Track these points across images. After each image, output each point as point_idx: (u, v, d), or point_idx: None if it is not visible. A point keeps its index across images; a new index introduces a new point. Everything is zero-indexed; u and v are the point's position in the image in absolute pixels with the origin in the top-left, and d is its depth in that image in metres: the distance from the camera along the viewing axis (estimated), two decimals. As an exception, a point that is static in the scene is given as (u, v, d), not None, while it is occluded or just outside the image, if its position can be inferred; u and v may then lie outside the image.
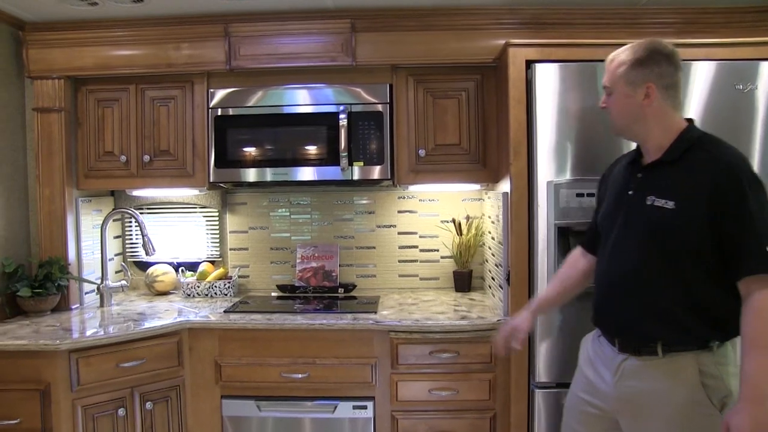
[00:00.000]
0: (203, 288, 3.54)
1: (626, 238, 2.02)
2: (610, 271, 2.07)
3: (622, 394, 2.02)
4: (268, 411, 2.95)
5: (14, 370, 2.64)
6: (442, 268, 3.68)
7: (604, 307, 2.10)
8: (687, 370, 1.91)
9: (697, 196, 1.86)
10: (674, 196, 1.90)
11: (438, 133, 3.17)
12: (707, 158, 1.89)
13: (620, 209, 2.06)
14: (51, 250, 3.21)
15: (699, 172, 1.88)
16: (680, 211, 1.88)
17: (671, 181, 1.93)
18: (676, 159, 1.94)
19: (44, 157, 3.20)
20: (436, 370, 2.88)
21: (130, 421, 2.81)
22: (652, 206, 1.94)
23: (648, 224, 1.95)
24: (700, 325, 1.90)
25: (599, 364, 2.12)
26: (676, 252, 1.90)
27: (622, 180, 2.11)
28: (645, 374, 1.97)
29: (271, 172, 3.18)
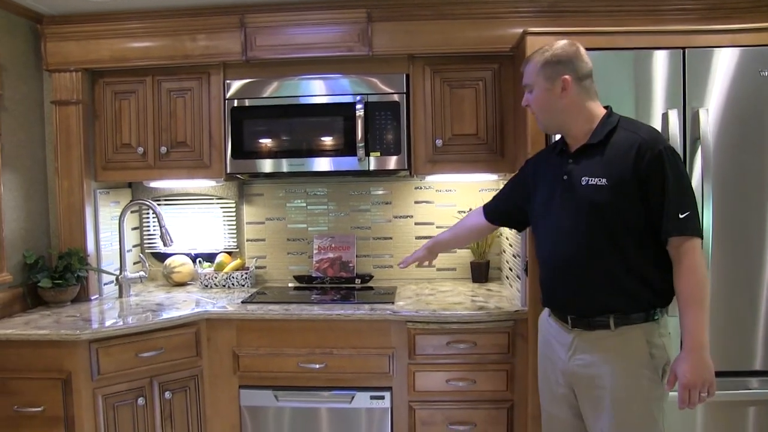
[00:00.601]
0: (220, 279, 3.55)
1: (567, 219, 2.17)
2: (556, 252, 2.22)
3: (576, 368, 2.18)
4: (286, 401, 2.96)
5: (37, 359, 2.67)
6: (459, 258, 3.67)
7: (556, 286, 2.25)
8: (636, 342, 2.09)
9: (624, 171, 2.04)
10: (605, 173, 2.07)
11: (455, 122, 3.16)
12: (629, 137, 2.08)
13: (556, 194, 2.22)
14: (70, 242, 3.24)
15: (624, 149, 2.06)
16: (613, 186, 2.06)
17: (600, 161, 2.10)
18: (602, 141, 2.11)
19: (63, 149, 3.22)
20: (453, 361, 2.88)
21: (150, 410, 2.84)
22: (587, 185, 2.11)
23: (586, 202, 2.11)
24: (645, 292, 2.08)
25: (554, 342, 2.29)
26: (614, 225, 2.07)
27: (554, 168, 2.28)
28: (597, 348, 2.14)
29: (288, 163, 3.18)
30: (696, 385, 1.97)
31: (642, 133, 2.07)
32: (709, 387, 2.00)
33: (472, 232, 2.77)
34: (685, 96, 2.52)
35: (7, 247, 2.98)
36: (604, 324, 2.11)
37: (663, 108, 2.52)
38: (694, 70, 2.52)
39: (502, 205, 2.62)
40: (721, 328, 2.51)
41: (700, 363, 1.98)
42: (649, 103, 2.53)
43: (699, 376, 1.97)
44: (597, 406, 2.13)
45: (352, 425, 2.95)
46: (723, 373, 2.42)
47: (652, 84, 2.54)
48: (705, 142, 2.46)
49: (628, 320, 2.09)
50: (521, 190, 2.48)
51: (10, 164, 3.01)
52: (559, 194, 2.20)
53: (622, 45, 2.57)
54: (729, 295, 2.52)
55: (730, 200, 2.51)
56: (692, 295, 2.00)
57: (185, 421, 2.94)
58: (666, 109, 2.51)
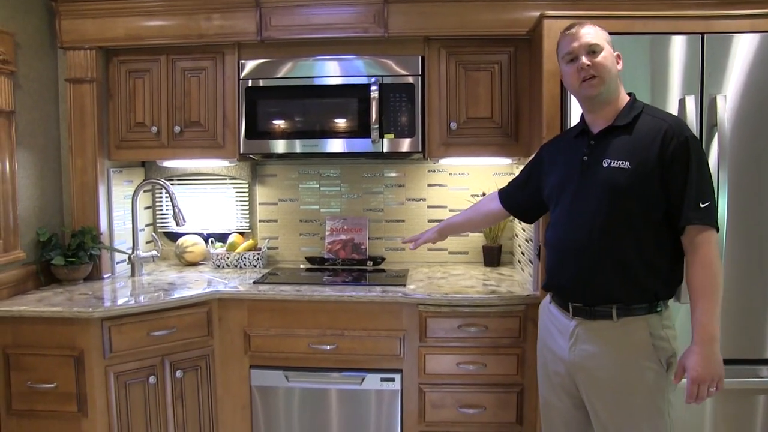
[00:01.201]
0: (232, 259, 3.56)
1: (582, 202, 2.13)
2: (566, 235, 2.19)
3: (577, 358, 2.16)
4: (296, 382, 2.97)
5: (50, 336, 2.69)
6: (472, 242, 3.66)
7: (562, 271, 2.21)
8: (638, 333, 2.06)
9: (649, 156, 2.02)
10: (629, 157, 2.05)
11: (470, 106, 3.14)
12: (655, 122, 2.06)
13: (574, 176, 2.18)
14: (83, 220, 3.25)
15: (649, 134, 2.04)
16: (635, 170, 2.03)
17: (624, 144, 2.08)
18: (628, 124, 2.09)
19: (77, 128, 3.22)
20: (464, 344, 2.88)
21: (161, 388, 2.85)
22: (609, 168, 2.07)
23: (605, 186, 2.07)
24: (652, 280, 2.06)
25: (555, 331, 2.26)
26: (630, 210, 2.04)
27: (572, 150, 2.24)
28: (598, 338, 2.11)
29: (301, 144, 3.18)
30: (705, 379, 1.95)
31: (668, 120, 2.05)
32: (718, 381, 1.97)
33: (487, 217, 2.74)
34: (702, 82, 2.49)
35: (21, 224, 2.99)
36: (606, 314, 2.09)
37: (680, 94, 2.49)
38: (712, 56, 2.48)
39: (517, 193, 2.58)
40: (733, 316, 2.49)
41: (710, 357, 1.95)
42: (665, 89, 2.50)
43: (708, 371, 1.95)
44: (599, 397, 2.12)
45: (362, 407, 2.96)
46: (733, 361, 2.42)
47: (669, 69, 2.51)
48: (722, 129, 2.43)
49: (630, 311, 2.06)
50: (534, 178, 2.46)
51: (24, 142, 3.02)
52: (577, 176, 2.16)
53: (640, 30, 2.54)
54: (741, 283, 2.51)
55: (745, 188, 2.48)
56: (705, 287, 1.98)
57: (196, 400, 2.96)
58: (683, 95, 2.48)
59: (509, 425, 2.92)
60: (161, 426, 2.86)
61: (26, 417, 2.74)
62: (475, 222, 2.82)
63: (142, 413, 2.81)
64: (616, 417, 2.09)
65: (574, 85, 2.16)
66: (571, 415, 2.27)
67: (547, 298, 2.36)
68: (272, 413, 3.01)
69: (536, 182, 2.43)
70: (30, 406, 2.72)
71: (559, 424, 2.32)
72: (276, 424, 3.01)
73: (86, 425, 2.71)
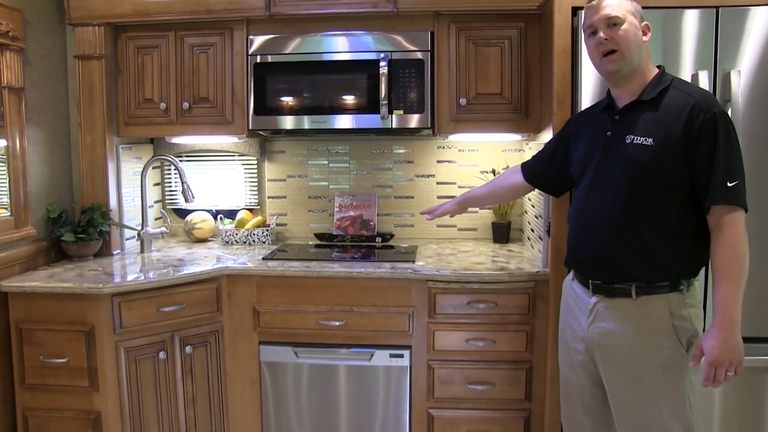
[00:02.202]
0: (241, 235, 3.57)
1: (604, 178, 2.09)
2: (587, 211, 2.15)
3: (595, 335, 2.14)
4: (305, 358, 2.99)
5: (61, 312, 2.70)
6: (481, 219, 3.65)
7: (582, 247, 2.18)
8: (658, 312, 2.03)
9: (673, 132, 1.96)
10: (653, 133, 1.99)
11: (480, 81, 3.11)
12: (682, 97, 1.99)
13: (597, 152, 2.14)
14: (93, 197, 3.25)
15: (675, 110, 1.98)
16: (659, 147, 1.98)
17: (649, 120, 2.02)
18: (654, 99, 2.03)
19: (85, 104, 3.21)
20: (473, 321, 2.88)
21: (171, 364, 2.87)
22: (632, 144, 2.03)
23: (627, 162, 2.03)
24: (674, 261, 2.02)
25: (575, 308, 2.24)
26: (653, 188, 2.00)
27: (597, 125, 2.19)
28: (617, 316, 2.09)
29: (310, 120, 3.16)
30: (723, 363, 1.90)
31: (696, 95, 1.98)
32: (737, 366, 1.93)
33: (510, 191, 2.70)
34: (716, 57, 2.44)
35: (32, 200, 3.00)
36: (625, 292, 2.06)
37: (692, 69, 2.46)
38: (726, 30, 2.44)
39: (541, 166, 2.52)
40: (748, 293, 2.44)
41: (729, 341, 1.90)
42: (677, 64, 2.47)
43: (727, 355, 1.90)
44: (617, 376, 2.10)
45: (370, 383, 2.97)
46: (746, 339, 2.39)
47: (682, 44, 2.47)
48: (735, 105, 2.40)
49: (650, 290, 2.03)
50: (561, 152, 2.40)
51: (34, 119, 3.02)
52: (599, 152, 2.13)
53: (653, 4, 2.50)
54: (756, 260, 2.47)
55: (760, 164, 2.44)
56: (728, 270, 1.92)
57: (205, 375, 2.98)
58: (696, 71, 2.44)
59: (518, 402, 2.93)
60: (171, 401, 2.89)
61: (39, 391, 2.77)
62: (497, 195, 2.79)
63: (153, 388, 2.84)
64: (633, 396, 2.07)
65: (595, 59, 2.12)
66: (589, 393, 2.26)
67: (570, 275, 2.34)
68: (281, 389, 3.03)
69: (563, 155, 2.38)
70: (43, 381, 2.75)
71: (577, 401, 2.31)
72: (285, 399, 3.03)
73: (97, 400, 2.74)
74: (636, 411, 2.07)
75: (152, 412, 2.85)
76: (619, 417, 2.13)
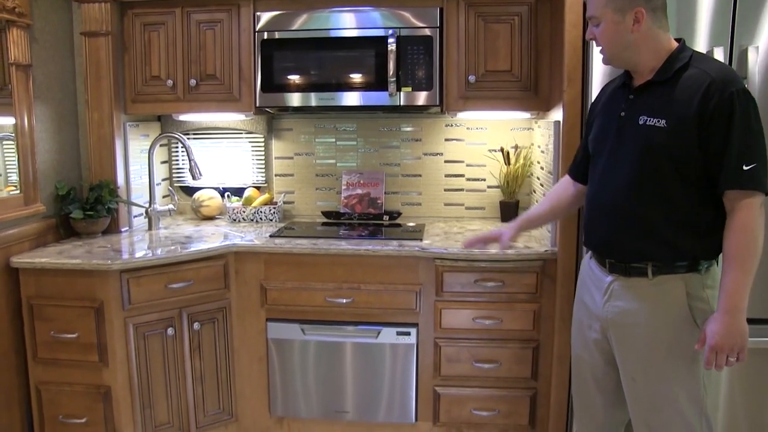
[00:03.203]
0: (249, 213, 3.57)
1: (618, 159, 2.05)
2: (601, 192, 2.11)
3: (610, 314, 2.11)
4: (312, 335, 3.00)
5: (71, 288, 2.72)
6: (489, 197, 3.65)
7: (597, 228, 2.15)
8: (675, 293, 1.99)
9: (687, 113, 1.89)
10: (666, 115, 1.93)
11: (489, 58, 3.09)
12: (699, 76, 1.90)
13: (611, 131, 2.09)
14: (101, 174, 3.25)
15: (690, 89, 1.90)
16: (671, 129, 1.91)
17: (663, 100, 1.95)
18: (668, 78, 1.96)
19: (92, 81, 3.20)
20: (480, 299, 2.88)
21: (179, 340, 2.89)
22: (644, 126, 1.97)
23: (640, 144, 1.98)
24: (690, 243, 1.97)
25: (591, 286, 2.22)
26: (666, 170, 1.94)
27: (613, 103, 2.14)
28: (633, 295, 2.06)
29: (317, 97, 3.15)
30: (723, 349, 1.87)
31: (713, 72, 1.88)
32: (740, 352, 1.89)
33: (570, 203, 2.43)
34: (733, 32, 2.38)
35: (40, 177, 3.01)
36: (641, 272, 2.02)
37: (707, 45, 2.41)
38: (744, 5, 2.37)
39: (582, 159, 2.35)
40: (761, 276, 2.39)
41: (732, 327, 1.86)
42: (692, 40, 2.41)
43: (728, 341, 1.86)
44: (631, 355, 2.08)
45: (377, 360, 2.99)
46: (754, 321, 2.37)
47: (697, 19, 2.41)
48: (752, 83, 2.35)
49: (667, 269, 1.98)
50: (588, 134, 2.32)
51: (41, 96, 3.02)
52: (613, 132, 2.08)
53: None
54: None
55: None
56: (737, 255, 1.87)
57: (213, 351, 2.99)
58: (711, 47, 2.39)
59: (524, 380, 2.94)
60: (179, 377, 2.91)
61: (51, 365, 2.80)
62: (559, 210, 2.48)
63: (161, 364, 2.86)
64: (646, 375, 2.05)
65: None
66: (601, 371, 2.25)
67: (588, 254, 2.30)
68: (288, 366, 3.04)
69: None
70: (54, 355, 2.77)
71: (590, 380, 2.30)
72: (292, 376, 3.05)
73: (107, 375, 2.76)
74: (649, 391, 2.06)
75: (161, 387, 2.87)
76: (632, 396, 2.12)
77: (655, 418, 2.06)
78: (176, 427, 2.93)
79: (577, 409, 2.43)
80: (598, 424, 2.34)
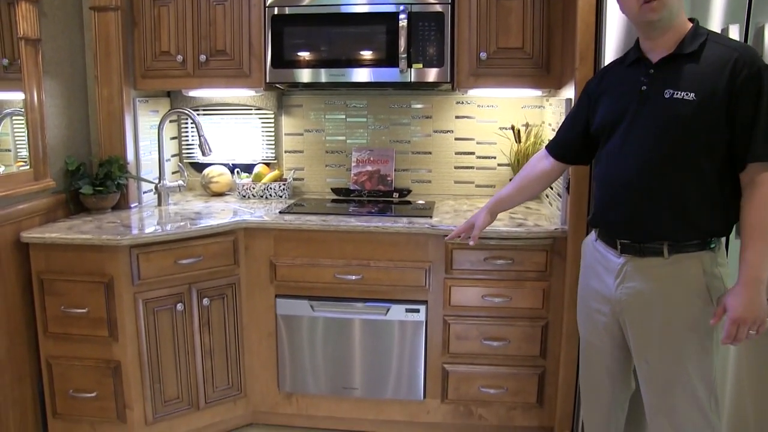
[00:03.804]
0: (258, 189, 3.57)
1: (638, 135, 2.02)
2: (618, 169, 2.07)
3: (624, 296, 2.10)
4: (321, 311, 3.00)
5: (80, 263, 2.73)
6: (499, 175, 3.63)
7: (612, 207, 2.11)
8: (692, 271, 1.99)
9: (717, 87, 1.88)
10: (694, 88, 1.91)
11: (500, 35, 3.05)
12: (723, 51, 1.91)
13: (629, 107, 2.05)
14: (110, 150, 3.25)
15: (717, 64, 1.89)
16: (701, 102, 1.90)
17: (691, 73, 1.93)
18: (693, 52, 1.94)
19: (102, 56, 3.19)
20: (490, 277, 2.88)
21: (188, 316, 2.90)
22: (671, 99, 1.94)
23: (665, 118, 1.95)
24: (709, 219, 1.97)
25: (600, 269, 2.19)
26: (691, 145, 1.93)
27: (627, 80, 2.09)
28: (648, 276, 2.04)
29: (327, 73, 3.13)
30: (746, 321, 1.87)
31: (739, 49, 1.89)
32: (760, 325, 1.89)
33: (541, 179, 2.47)
34: (749, 9, 2.31)
35: (50, 153, 3.01)
36: (656, 251, 2.00)
37: (722, 23, 2.34)
38: (762, -20, 2.30)
39: (566, 138, 2.38)
40: None
41: (753, 299, 1.86)
42: (705, 17, 2.34)
43: (750, 312, 1.86)
44: (645, 336, 2.07)
45: (386, 337, 2.99)
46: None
47: (712, -6, 2.38)
48: (769, 62, 2.31)
49: (682, 248, 1.97)
50: (582, 117, 2.28)
51: (50, 71, 3.01)
52: (633, 107, 2.03)
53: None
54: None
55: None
56: (760, 228, 1.87)
57: (222, 327, 3.01)
58: (726, 25, 2.33)
59: (533, 358, 2.94)
60: (189, 352, 2.93)
61: (61, 339, 2.81)
62: (529, 188, 2.50)
63: (170, 339, 2.87)
64: (661, 356, 2.04)
65: (632, 8, 1.99)
66: (611, 356, 2.25)
67: (591, 236, 2.28)
68: (297, 342, 3.05)
69: (584, 119, 2.27)
70: (64, 330, 2.79)
71: (599, 365, 2.30)
72: (300, 352, 3.06)
73: (117, 349, 2.78)
74: (662, 372, 2.05)
75: (170, 362, 2.89)
76: (645, 378, 2.11)
77: (668, 399, 2.05)
78: (185, 402, 2.95)
79: (584, 391, 2.44)
80: (604, 404, 2.35)
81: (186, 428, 2.99)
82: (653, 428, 2.13)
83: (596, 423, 2.40)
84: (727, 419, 2.58)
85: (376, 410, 3.10)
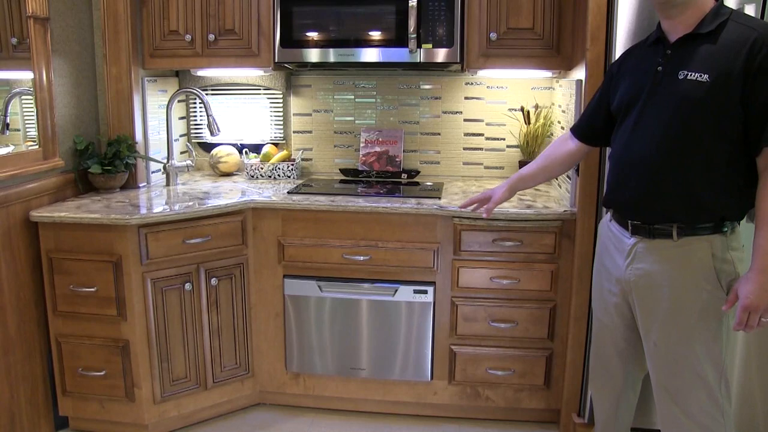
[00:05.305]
0: (266, 170, 3.56)
1: (651, 116, 2.00)
2: (630, 149, 2.05)
3: (633, 277, 2.09)
4: (329, 291, 3.01)
5: (89, 242, 2.74)
6: (508, 157, 3.61)
7: (622, 187, 2.10)
8: (700, 254, 1.96)
9: (731, 69, 1.84)
10: (708, 69, 1.87)
11: (511, 16, 3.02)
12: (743, 31, 1.85)
13: (644, 88, 2.03)
14: (119, 129, 3.25)
15: (735, 44, 1.85)
16: (714, 84, 1.86)
17: (705, 54, 1.90)
18: (711, 32, 1.90)
19: (110, 35, 3.18)
20: (498, 258, 2.87)
21: (196, 295, 2.91)
22: (684, 80, 1.91)
23: (678, 99, 1.92)
24: (720, 202, 1.93)
25: (613, 249, 2.19)
26: (704, 126, 1.89)
27: (647, 61, 2.07)
28: (657, 257, 2.03)
29: (336, 53, 3.11)
30: (758, 308, 1.84)
31: (760, 28, 1.83)
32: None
33: (565, 160, 2.44)
34: None
35: (59, 132, 3.00)
36: (666, 233, 1.99)
37: (738, 2, 2.32)
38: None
39: (592, 120, 2.34)
40: None
41: (766, 285, 1.84)
42: None
43: (763, 299, 1.83)
44: (653, 317, 2.06)
45: (393, 318, 2.99)
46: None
47: (727, -28, 2.34)
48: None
49: (692, 231, 1.95)
50: (606, 98, 2.25)
51: (59, 50, 3.00)
52: (648, 87, 2.01)
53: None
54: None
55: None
56: None
57: (230, 307, 3.01)
58: (742, 4, 2.31)
59: (540, 340, 2.94)
60: (197, 331, 2.94)
61: (70, 318, 2.83)
62: (552, 168, 2.48)
63: (179, 319, 2.88)
64: (668, 339, 2.03)
65: None
66: (622, 336, 2.25)
67: (607, 216, 2.27)
68: (304, 322, 3.06)
69: (607, 101, 2.25)
70: (73, 309, 2.80)
71: (610, 344, 2.30)
72: (308, 332, 3.07)
73: (125, 328, 2.79)
74: (671, 354, 2.04)
75: (178, 341, 2.90)
76: (653, 360, 2.11)
77: (676, 381, 2.05)
78: (193, 381, 2.97)
79: (593, 370, 2.44)
80: (615, 385, 2.35)
81: (194, 407, 3.01)
82: (661, 410, 2.13)
83: (606, 403, 2.41)
84: (734, 405, 2.58)
85: (383, 391, 3.11)
